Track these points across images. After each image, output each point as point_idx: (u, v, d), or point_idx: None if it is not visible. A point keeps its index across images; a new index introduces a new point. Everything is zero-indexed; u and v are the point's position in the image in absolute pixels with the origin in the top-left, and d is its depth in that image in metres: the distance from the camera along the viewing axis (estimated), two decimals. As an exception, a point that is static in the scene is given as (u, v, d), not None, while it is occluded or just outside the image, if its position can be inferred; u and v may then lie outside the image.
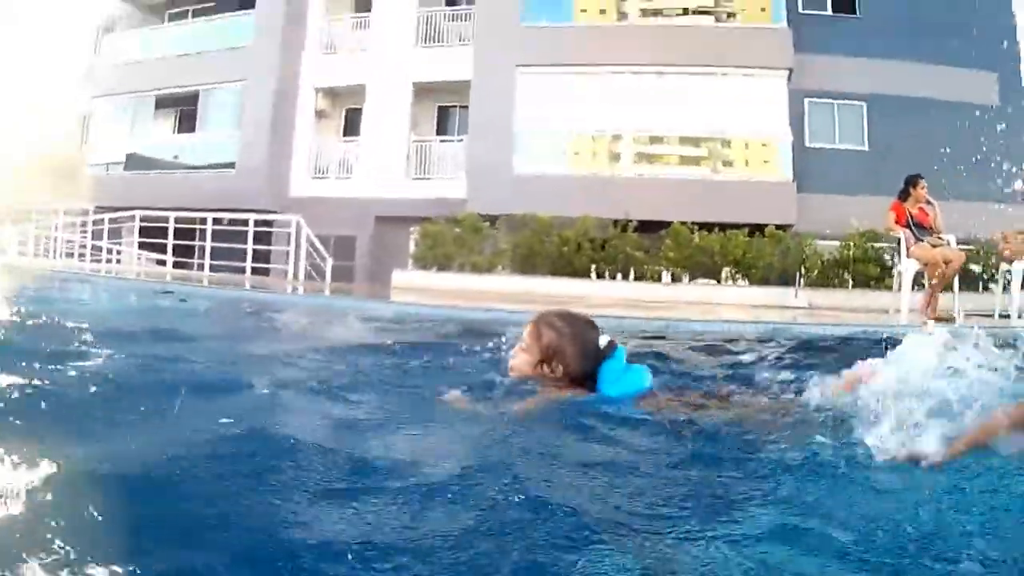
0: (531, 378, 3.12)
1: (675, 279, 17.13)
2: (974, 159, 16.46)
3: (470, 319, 8.53)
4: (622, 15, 21.72)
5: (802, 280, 16.32)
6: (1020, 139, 19.98)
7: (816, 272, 16.44)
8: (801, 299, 15.11)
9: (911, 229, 10.20)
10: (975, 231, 12.96)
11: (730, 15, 21.23)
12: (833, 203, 19.37)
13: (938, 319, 9.62)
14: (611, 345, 3.11)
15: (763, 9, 21.05)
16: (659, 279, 17.22)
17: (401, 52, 23.63)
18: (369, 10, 24.65)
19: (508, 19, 21.85)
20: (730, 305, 14.43)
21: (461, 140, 23.27)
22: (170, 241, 19.72)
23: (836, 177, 20.31)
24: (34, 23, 29.42)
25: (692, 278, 17.05)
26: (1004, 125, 19.33)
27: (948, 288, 10.67)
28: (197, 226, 20.58)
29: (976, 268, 14.20)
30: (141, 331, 5.21)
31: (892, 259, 15.33)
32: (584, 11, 21.92)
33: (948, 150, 17.05)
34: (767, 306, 14.42)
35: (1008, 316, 10.69)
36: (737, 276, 16.87)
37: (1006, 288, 10.40)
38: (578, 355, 3.08)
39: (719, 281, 17.14)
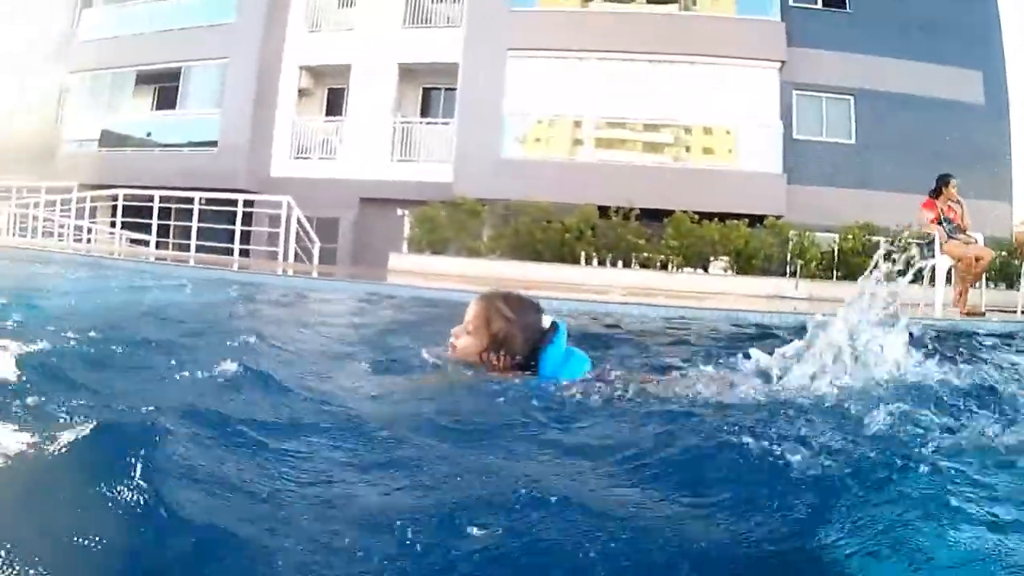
0: (475, 363, 3.10)
1: (664, 267, 17.16)
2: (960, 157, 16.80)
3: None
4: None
5: (799, 271, 16.47)
6: (1003, 137, 20.43)
7: (814, 264, 16.59)
8: (801, 290, 15.24)
9: (943, 226, 10.35)
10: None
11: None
12: (819, 195, 19.56)
13: (969, 314, 9.79)
14: (553, 326, 3.13)
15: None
16: (655, 267, 17.25)
17: (387, 32, 23.26)
18: (355, -12, 24.25)
19: (499, 2, 21.67)
20: (733, 295, 14.48)
21: (446, 123, 22.98)
22: (155, 221, 19.13)
23: (823, 169, 20.44)
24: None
25: (686, 267, 17.09)
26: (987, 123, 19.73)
27: (975, 284, 10.86)
28: (174, 206, 20.23)
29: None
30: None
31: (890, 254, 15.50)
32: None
33: (941, 145, 17.36)
34: (767, 296, 14.53)
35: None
36: (735, 266, 16.94)
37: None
38: (526, 343, 3.09)
39: (707, 271, 17.23)
